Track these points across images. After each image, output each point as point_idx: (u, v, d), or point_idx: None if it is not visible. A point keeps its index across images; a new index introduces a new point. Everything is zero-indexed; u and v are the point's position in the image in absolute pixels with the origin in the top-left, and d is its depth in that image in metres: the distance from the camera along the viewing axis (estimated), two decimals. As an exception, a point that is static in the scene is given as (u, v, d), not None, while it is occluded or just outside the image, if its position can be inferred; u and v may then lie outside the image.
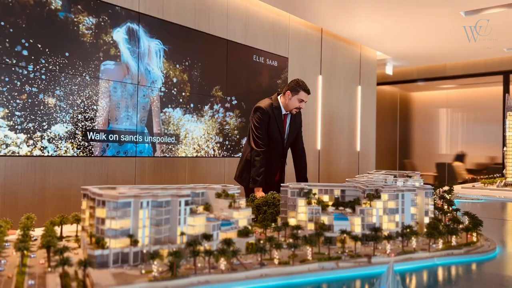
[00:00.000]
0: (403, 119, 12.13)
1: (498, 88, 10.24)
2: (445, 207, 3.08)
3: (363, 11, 6.71)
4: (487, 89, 10.80)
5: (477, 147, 10.98)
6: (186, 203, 1.73)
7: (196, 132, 5.61)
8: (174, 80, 5.37)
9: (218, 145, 5.89)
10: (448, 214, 2.62)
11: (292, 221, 2.19)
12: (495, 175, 6.49)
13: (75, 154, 4.38)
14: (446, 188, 4.29)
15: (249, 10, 6.44)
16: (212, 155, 5.81)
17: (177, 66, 5.40)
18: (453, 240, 2.07)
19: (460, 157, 11.31)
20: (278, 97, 3.97)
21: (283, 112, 3.93)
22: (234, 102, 6.10)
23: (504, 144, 5.93)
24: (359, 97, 9.10)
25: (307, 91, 3.86)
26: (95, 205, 1.68)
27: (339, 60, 8.51)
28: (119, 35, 4.75)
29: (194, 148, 5.58)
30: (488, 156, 10.91)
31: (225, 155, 5.97)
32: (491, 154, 10.76)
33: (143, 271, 1.52)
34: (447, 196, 3.70)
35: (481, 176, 6.81)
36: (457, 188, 5.74)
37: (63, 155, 4.29)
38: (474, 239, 2.20)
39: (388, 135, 12.10)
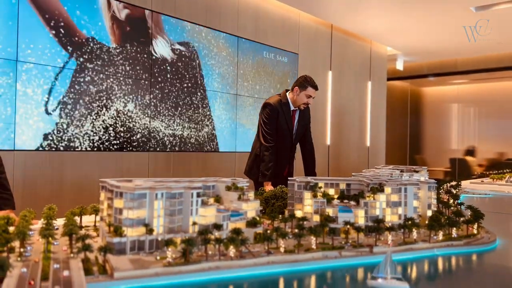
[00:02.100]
0: (414, 114, 12.10)
1: (509, 83, 10.17)
2: (451, 201, 3.15)
3: (373, 7, 6.74)
4: (499, 84, 10.72)
5: (489, 142, 10.93)
6: (198, 195, 1.84)
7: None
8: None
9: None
10: (452, 208, 2.69)
11: (298, 213, 2.29)
12: (505, 171, 6.49)
13: (88, 149, 4.53)
14: (453, 183, 4.36)
15: (259, 7, 6.51)
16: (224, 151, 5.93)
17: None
18: (454, 232, 2.15)
19: (471, 152, 11.27)
20: (287, 93, 4.07)
21: (292, 108, 4.03)
22: (246, 98, 6.20)
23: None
24: (369, 93, 9.13)
25: (315, 87, 3.95)
26: (113, 196, 1.80)
27: (349, 56, 8.54)
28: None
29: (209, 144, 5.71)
30: (500, 152, 10.86)
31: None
32: (504, 150, 10.71)
33: (158, 257, 1.63)
34: (453, 191, 3.77)
35: (490, 172, 6.83)
36: (466, 183, 5.76)
37: (78, 149, 4.45)
38: (475, 231, 2.28)
39: (399, 131, 12.09)
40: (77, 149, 4.44)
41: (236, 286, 1.54)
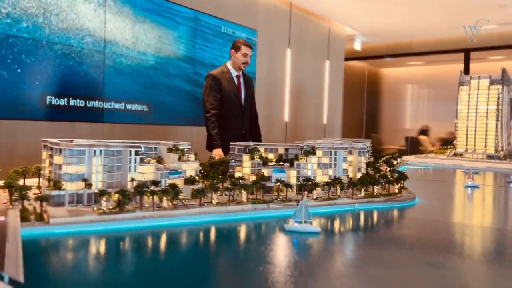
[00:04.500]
0: (371, 95, 12.50)
1: (460, 66, 10.68)
2: (387, 169, 3.40)
3: (330, -14, 6.89)
4: (450, 67, 11.23)
5: (440, 122, 11.48)
6: (136, 153, 1.95)
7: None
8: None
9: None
10: (381, 172, 2.93)
11: (237, 174, 2.45)
12: (448, 146, 6.92)
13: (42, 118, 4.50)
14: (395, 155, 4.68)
15: (217, -18, 6.52)
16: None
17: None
18: (376, 190, 2.37)
19: (424, 131, 11.82)
20: (227, 63, 4.29)
21: (234, 74, 4.24)
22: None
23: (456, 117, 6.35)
24: (327, 72, 9.36)
25: (248, 45, 4.22)
26: (53, 153, 1.88)
27: (308, 35, 8.70)
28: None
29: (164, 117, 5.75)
30: (451, 132, 11.45)
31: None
32: (451, 129, 11.30)
33: (95, 208, 1.74)
34: (393, 162, 4.05)
35: (434, 148, 7.27)
36: (411, 157, 6.16)
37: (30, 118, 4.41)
38: (397, 191, 2.51)
39: (356, 110, 12.48)
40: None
41: (169, 232, 1.68)
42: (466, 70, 10.20)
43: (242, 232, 1.79)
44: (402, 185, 2.57)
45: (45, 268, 1.29)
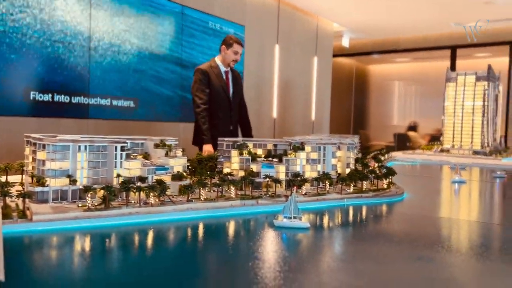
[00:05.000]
0: (359, 91, 12.55)
1: (447, 63, 10.78)
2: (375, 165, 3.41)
3: (318, -18, 6.88)
4: (437, 64, 11.33)
5: (429, 119, 11.58)
6: (122, 149, 1.92)
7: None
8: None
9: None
10: (370, 168, 2.93)
11: (226, 170, 2.42)
12: (435, 143, 6.99)
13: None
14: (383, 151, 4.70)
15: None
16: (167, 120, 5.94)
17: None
18: (365, 186, 2.37)
19: (413, 128, 11.92)
20: (215, 58, 4.25)
21: (223, 69, 4.19)
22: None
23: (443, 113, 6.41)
24: (315, 68, 9.37)
25: (240, 43, 4.18)
26: (36, 149, 1.84)
27: (296, 31, 8.69)
28: None
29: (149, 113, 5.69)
30: (438, 128, 11.57)
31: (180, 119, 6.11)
32: (439, 126, 11.42)
33: (80, 205, 1.71)
34: (381, 157, 4.06)
35: (422, 144, 7.34)
36: (399, 153, 6.20)
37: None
38: (385, 186, 2.52)
39: (344, 106, 12.53)
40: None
41: (156, 229, 1.65)
42: (453, 67, 10.31)
43: (231, 228, 1.76)
44: (390, 180, 2.57)
45: (28, 266, 1.25)
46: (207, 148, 3.82)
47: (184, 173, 2.15)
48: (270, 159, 2.48)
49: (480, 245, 1.65)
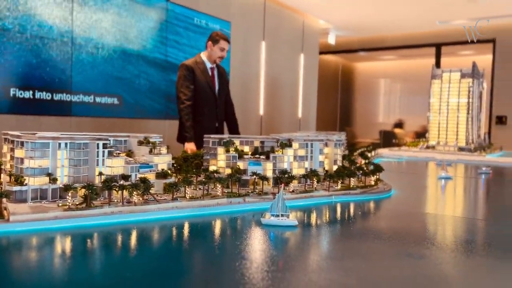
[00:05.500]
0: (345, 89, 12.60)
1: (432, 60, 10.88)
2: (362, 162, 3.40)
3: (304, -22, 6.85)
4: (422, 61, 11.43)
5: (413, 116, 11.68)
6: (104, 146, 1.86)
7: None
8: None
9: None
10: (357, 165, 2.92)
11: (212, 168, 2.38)
12: (421, 139, 7.04)
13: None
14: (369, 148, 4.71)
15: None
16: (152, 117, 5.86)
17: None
18: (352, 182, 2.35)
19: (399, 125, 12.02)
20: (201, 54, 4.21)
21: (209, 65, 4.14)
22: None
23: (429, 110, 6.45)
24: (301, 65, 9.36)
25: (227, 40, 4.15)
26: (14, 146, 1.77)
27: (283, 28, 8.66)
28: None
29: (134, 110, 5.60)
30: (423, 125, 11.69)
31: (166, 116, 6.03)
32: (424, 123, 11.54)
33: (60, 204, 1.65)
34: (367, 154, 4.06)
35: (407, 141, 7.39)
36: (385, 150, 6.23)
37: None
38: (373, 183, 2.50)
39: (330, 104, 12.56)
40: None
41: (140, 228, 1.60)
42: (438, 65, 10.41)
43: (217, 227, 1.72)
44: (378, 177, 2.56)
45: (5, 268, 1.19)
46: (189, 146, 3.77)
47: (169, 171, 2.10)
48: (257, 156, 2.44)
49: (466, 241, 1.64)
